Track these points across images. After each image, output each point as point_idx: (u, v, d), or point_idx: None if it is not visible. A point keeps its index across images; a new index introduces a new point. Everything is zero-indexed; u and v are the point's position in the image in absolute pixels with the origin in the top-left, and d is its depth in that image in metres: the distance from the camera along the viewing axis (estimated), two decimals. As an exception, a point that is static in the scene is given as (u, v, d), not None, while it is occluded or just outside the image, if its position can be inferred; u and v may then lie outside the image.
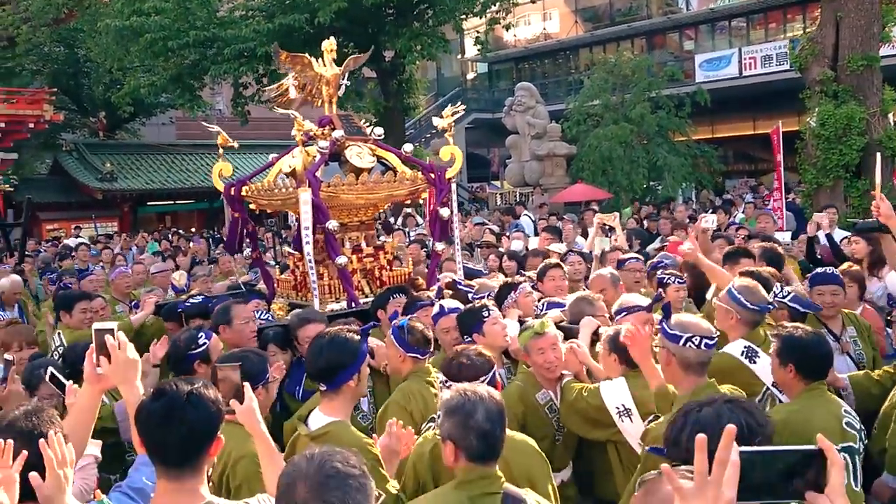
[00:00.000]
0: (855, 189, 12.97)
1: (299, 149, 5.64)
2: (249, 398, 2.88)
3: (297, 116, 5.53)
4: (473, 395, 2.62)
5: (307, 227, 5.18)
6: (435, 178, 5.71)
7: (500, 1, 19.36)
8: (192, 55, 17.47)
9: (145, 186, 27.35)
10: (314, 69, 5.78)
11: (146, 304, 6.15)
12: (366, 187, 5.47)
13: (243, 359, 3.41)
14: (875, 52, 13.13)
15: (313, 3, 16.45)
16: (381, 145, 5.90)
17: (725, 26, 30.62)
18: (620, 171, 20.60)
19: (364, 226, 5.94)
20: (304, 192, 5.15)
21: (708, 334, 3.31)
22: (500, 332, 4.41)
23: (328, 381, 3.16)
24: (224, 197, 5.92)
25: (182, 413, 2.32)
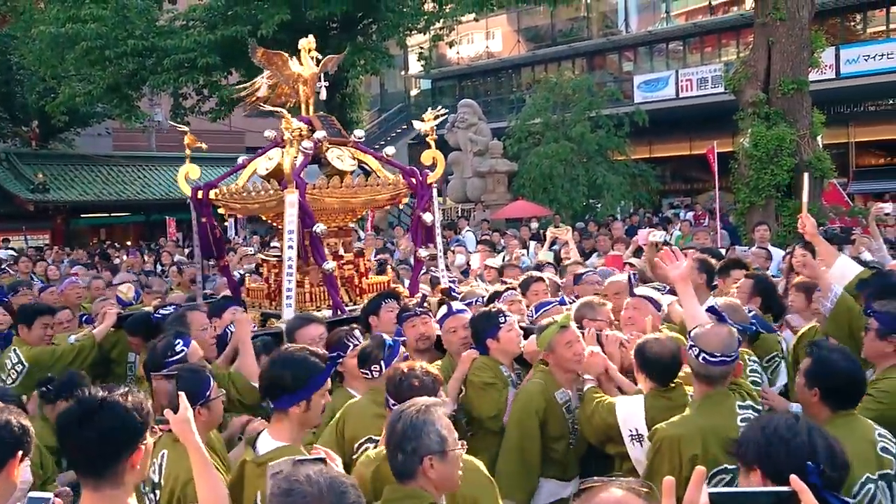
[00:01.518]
0: (786, 208, 13.36)
1: (276, 150, 5.45)
2: (184, 408, 2.82)
3: (285, 114, 5.31)
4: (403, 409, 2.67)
5: (292, 231, 4.99)
6: (416, 182, 5.59)
7: (444, 17, 19.46)
8: (131, 64, 17.12)
9: (79, 198, 26.64)
10: (291, 68, 5.60)
11: (107, 315, 5.77)
12: (349, 191, 5.30)
13: (178, 377, 3.28)
14: (805, 77, 13.59)
15: (256, 14, 16.33)
16: (362, 148, 5.75)
17: (663, 49, 31.36)
18: (561, 189, 20.91)
19: (342, 232, 5.74)
20: (291, 193, 4.95)
21: (711, 351, 3.23)
22: (516, 339, 4.38)
23: (273, 399, 3.03)
24: (191, 201, 5.64)
25: (95, 418, 2.31)
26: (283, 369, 3.03)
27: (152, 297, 7.50)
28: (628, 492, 1.72)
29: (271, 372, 3.07)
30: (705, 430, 3.18)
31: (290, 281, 5.01)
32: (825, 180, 13.87)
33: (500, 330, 4.32)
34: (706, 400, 3.31)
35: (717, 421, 3.23)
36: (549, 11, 33.21)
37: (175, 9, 19.48)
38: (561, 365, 4.07)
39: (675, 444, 3.17)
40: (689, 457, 3.11)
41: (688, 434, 3.18)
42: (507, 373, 4.38)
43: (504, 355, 4.41)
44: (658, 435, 3.25)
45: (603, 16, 34.56)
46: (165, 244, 17.40)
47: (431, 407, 2.64)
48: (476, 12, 19.50)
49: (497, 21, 35.47)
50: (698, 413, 3.28)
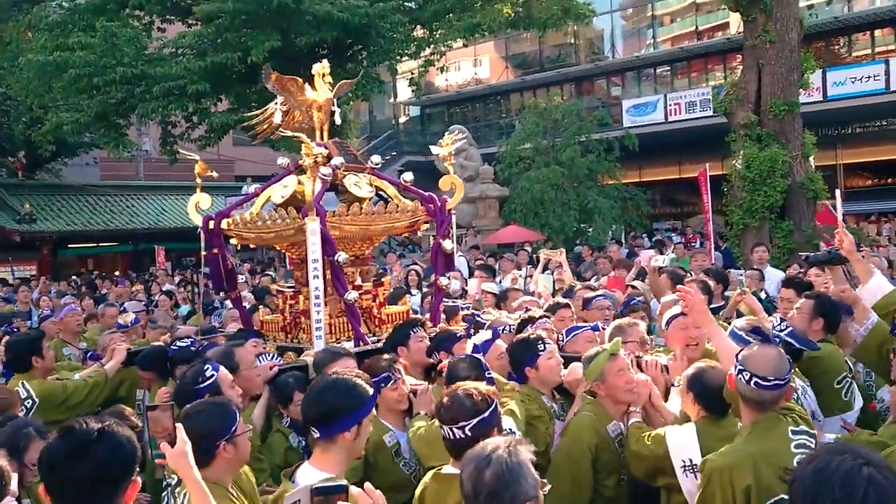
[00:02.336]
0: (779, 230, 13.33)
1: (290, 177, 5.27)
2: (182, 441, 2.67)
3: (305, 140, 5.13)
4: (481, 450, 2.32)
5: (316, 260, 4.79)
6: (435, 209, 5.42)
7: (434, 43, 19.51)
8: (119, 92, 17.02)
9: (66, 228, 26.39)
10: (305, 94, 5.43)
11: (117, 350, 5.53)
12: (368, 218, 5.12)
13: (202, 412, 3.10)
14: (795, 98, 13.65)
15: (246, 41, 16.29)
16: (380, 175, 5.58)
17: (650, 73, 31.60)
18: (552, 214, 20.85)
19: (359, 261, 5.54)
20: (313, 221, 4.76)
21: (764, 374, 3.07)
22: (556, 367, 4.18)
23: (322, 426, 2.88)
24: (202, 231, 5.39)
25: (91, 450, 2.13)
26: (334, 394, 2.91)
27: (158, 332, 7.25)
28: None
29: (321, 397, 2.92)
30: (757, 458, 3.01)
31: (319, 311, 4.82)
32: (818, 201, 13.87)
33: (539, 358, 4.13)
34: (756, 426, 3.14)
35: (770, 448, 3.05)
36: (536, 38, 33.54)
37: (164, 36, 19.42)
38: (613, 395, 3.86)
39: (727, 475, 2.99)
40: (742, 487, 2.96)
41: (739, 463, 3.01)
42: (549, 403, 4.19)
43: (544, 384, 4.22)
44: (708, 465, 3.08)
45: (590, 42, 34.83)
46: (155, 273, 17.22)
47: (517, 445, 2.36)
48: (466, 38, 19.56)
49: (485, 48, 35.70)
50: (749, 441, 3.11)
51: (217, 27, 16.76)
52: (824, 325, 4.63)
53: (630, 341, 4.35)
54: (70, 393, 5.18)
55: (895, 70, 23.76)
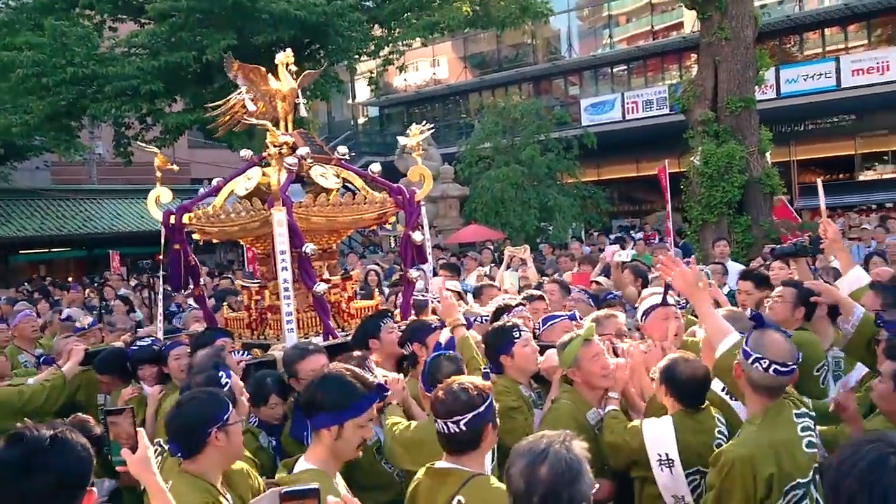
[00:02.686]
0: (738, 225, 13.46)
1: (254, 169, 5.12)
2: (144, 447, 2.53)
3: (271, 128, 5.01)
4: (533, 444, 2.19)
5: (284, 252, 4.64)
6: (404, 200, 5.28)
7: (393, 42, 19.40)
8: (70, 93, 16.58)
9: (17, 234, 25.75)
10: (269, 83, 5.28)
11: (73, 351, 5.29)
12: (336, 209, 4.99)
13: (194, 399, 3.05)
14: (751, 95, 13.81)
15: (201, 40, 16.00)
16: (346, 166, 5.43)
17: (608, 72, 31.87)
18: (513, 212, 20.88)
19: (327, 254, 5.38)
20: (279, 211, 4.62)
21: (782, 360, 3.01)
22: (532, 355, 4.08)
23: (309, 417, 2.88)
24: (163, 226, 5.22)
25: (46, 460, 1.96)
26: (320, 387, 2.86)
27: (116, 334, 6.90)
28: None
29: (310, 388, 2.90)
30: (776, 445, 2.97)
31: (289, 304, 4.67)
32: (774, 196, 14.05)
33: (514, 345, 4.04)
34: (768, 413, 3.07)
35: (783, 435, 3.03)
36: (494, 38, 33.61)
37: (116, 36, 19.00)
38: (588, 382, 3.81)
39: (748, 465, 2.93)
40: (765, 476, 2.92)
41: (761, 452, 2.95)
42: (527, 392, 4.10)
43: (521, 373, 4.12)
44: (727, 457, 2.99)
45: (547, 42, 35.03)
46: (110, 278, 16.81)
47: (572, 439, 2.19)
48: (425, 36, 19.49)
49: (443, 48, 35.69)
50: (764, 428, 3.03)
51: (171, 26, 16.45)
52: (805, 314, 4.64)
53: (607, 334, 4.29)
54: (27, 398, 4.96)
55: (845, 68, 24.26)
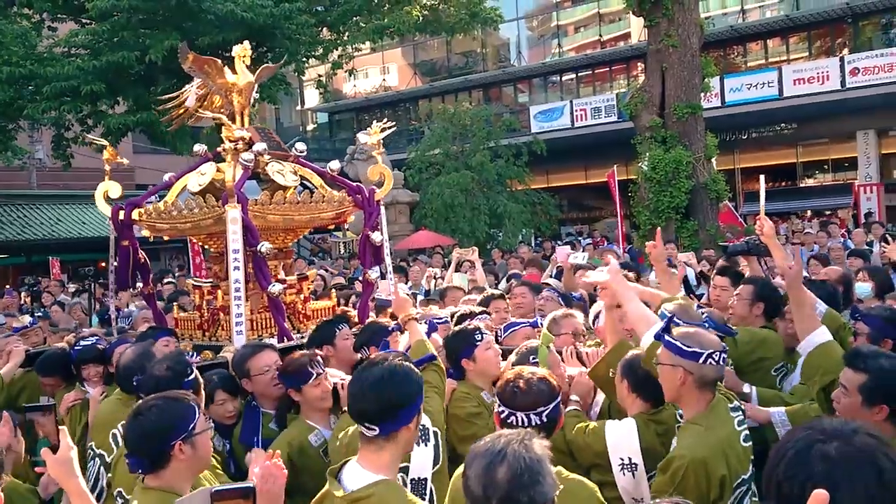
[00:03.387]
0: (685, 229, 13.64)
1: (208, 165, 4.93)
2: (66, 446, 2.36)
3: (226, 122, 4.84)
4: (491, 444, 2.04)
5: (237, 251, 4.46)
6: (363, 199, 5.14)
7: (342, 45, 19.24)
8: (6, 92, 16.06)
9: (-49, 240, 24.90)
10: (225, 76, 5.06)
11: (13, 352, 5.08)
12: (293, 207, 4.82)
13: (153, 407, 2.71)
14: (698, 101, 14.01)
15: (144, 40, 15.65)
16: (304, 163, 5.25)
17: (557, 80, 32.14)
18: (463, 218, 20.87)
19: (283, 254, 5.22)
20: (233, 208, 4.43)
21: (721, 347, 3.04)
22: (494, 358, 3.95)
23: (385, 423, 2.52)
24: (111, 222, 5.04)
25: None
26: (394, 384, 2.56)
27: (60, 335, 6.56)
28: None
29: (379, 390, 2.55)
30: (724, 444, 2.94)
31: (240, 306, 4.50)
32: (720, 202, 14.26)
33: (476, 349, 3.91)
34: (713, 411, 3.04)
35: (726, 431, 3.01)
36: (444, 45, 33.66)
37: (55, 35, 18.49)
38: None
39: (702, 468, 2.87)
40: (718, 478, 2.88)
41: (712, 454, 2.90)
42: (489, 399, 3.94)
43: (483, 377, 3.98)
44: (679, 462, 2.91)
45: (496, 50, 35.21)
46: (48, 284, 16.30)
47: (532, 437, 2.07)
48: (374, 40, 19.39)
49: (392, 55, 35.63)
50: (711, 428, 2.98)
51: (113, 25, 16.05)
52: (764, 309, 4.58)
53: (563, 333, 4.21)
54: None
55: (787, 77, 24.84)
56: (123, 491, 3.30)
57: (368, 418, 2.54)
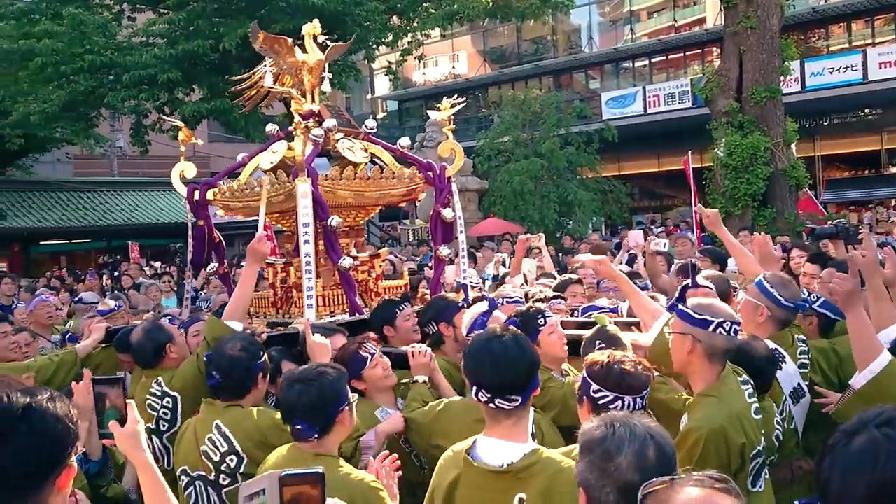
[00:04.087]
0: (762, 217, 13.24)
1: (280, 143, 4.98)
2: (133, 419, 2.36)
3: (296, 96, 4.87)
4: (623, 426, 1.95)
5: (307, 224, 4.45)
6: (434, 176, 5.10)
7: (412, 31, 19.24)
8: (88, 81, 16.56)
9: (38, 225, 25.90)
10: (295, 55, 5.07)
11: (95, 328, 5.11)
12: (364, 183, 4.83)
13: (327, 375, 2.85)
14: (777, 85, 13.56)
15: (218, 29, 15.93)
16: (374, 140, 5.27)
17: (629, 66, 31.54)
18: (532, 206, 20.68)
19: (354, 231, 5.21)
20: (303, 182, 4.44)
21: (736, 319, 3.00)
22: (559, 342, 3.83)
23: (526, 391, 2.57)
24: (187, 202, 5.14)
25: (13, 432, 1.77)
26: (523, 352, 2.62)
27: (140, 316, 6.73)
28: (707, 489, 1.49)
29: (518, 359, 2.58)
30: (739, 414, 2.91)
31: (310, 279, 4.49)
32: (800, 188, 13.79)
33: (539, 333, 3.75)
34: (723, 382, 3.00)
35: (741, 403, 2.97)
36: (513, 32, 33.38)
37: (134, 25, 19.00)
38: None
39: (721, 437, 2.82)
40: (738, 446, 2.84)
41: (730, 423, 2.85)
42: (560, 378, 3.85)
43: (549, 361, 3.79)
44: (697, 433, 2.84)
45: (567, 36, 34.74)
46: (127, 267, 16.80)
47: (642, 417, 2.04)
48: (443, 26, 19.30)
49: (462, 43, 35.50)
50: (724, 398, 2.94)
51: (188, 14, 16.40)
52: None
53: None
54: (35, 371, 4.79)
55: (872, 61, 23.80)
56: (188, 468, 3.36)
57: (512, 389, 2.53)
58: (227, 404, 3.39)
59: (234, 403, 3.41)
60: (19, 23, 17.09)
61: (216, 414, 3.37)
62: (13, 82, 17.57)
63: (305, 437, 2.80)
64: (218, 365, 3.42)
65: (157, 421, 3.92)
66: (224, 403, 3.40)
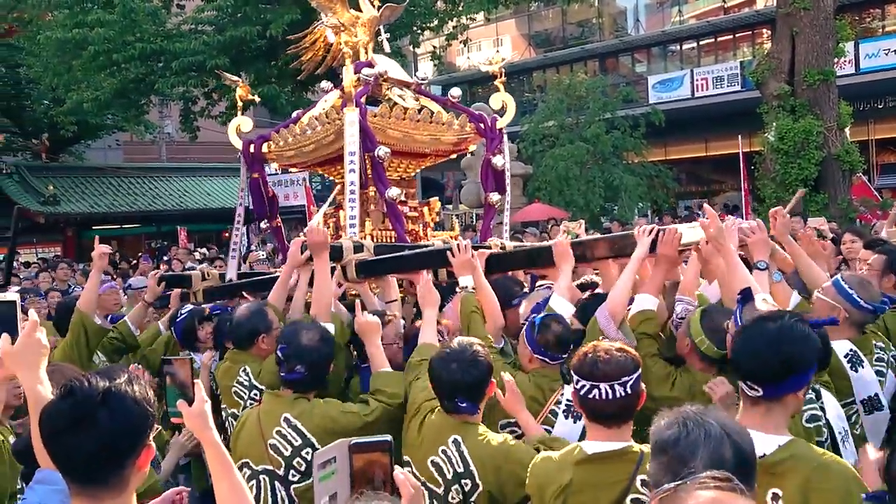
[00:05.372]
0: (814, 203, 12.96)
1: (333, 93, 5.10)
2: (201, 399, 2.39)
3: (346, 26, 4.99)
4: (697, 426, 1.85)
5: (353, 153, 4.49)
6: (485, 127, 5.24)
7: (457, 15, 19.16)
8: (138, 69, 16.86)
9: (90, 210, 26.41)
10: (349, 10, 5.20)
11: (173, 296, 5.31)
12: (413, 125, 4.89)
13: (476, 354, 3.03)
14: (831, 67, 13.23)
15: (265, 15, 16.06)
16: (425, 92, 5.37)
17: (676, 49, 31.01)
18: (577, 191, 20.54)
19: (405, 182, 5.30)
20: (351, 111, 4.48)
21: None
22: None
23: (770, 385, 2.37)
24: (242, 155, 5.29)
25: (95, 416, 1.87)
26: (793, 344, 2.37)
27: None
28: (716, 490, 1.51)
29: (779, 347, 2.36)
30: None
31: (354, 207, 4.55)
32: (853, 174, 13.48)
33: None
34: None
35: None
36: (558, 16, 33.02)
37: (183, 13, 19.25)
38: None
39: None
40: None
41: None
42: None
43: None
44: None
45: (612, 19, 34.28)
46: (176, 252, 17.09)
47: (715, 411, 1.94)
48: (488, 10, 19.18)
49: (506, 27, 35.23)
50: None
51: (236, 1, 16.56)
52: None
53: None
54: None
55: (930, 41, 23.11)
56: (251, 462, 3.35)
57: (754, 377, 2.40)
58: (296, 396, 3.35)
59: (302, 395, 3.37)
60: (72, 12, 17.40)
61: (284, 406, 3.33)
62: (66, 71, 17.93)
63: (469, 411, 2.98)
64: (301, 358, 3.33)
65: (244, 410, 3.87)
66: (293, 395, 3.36)
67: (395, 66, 5.45)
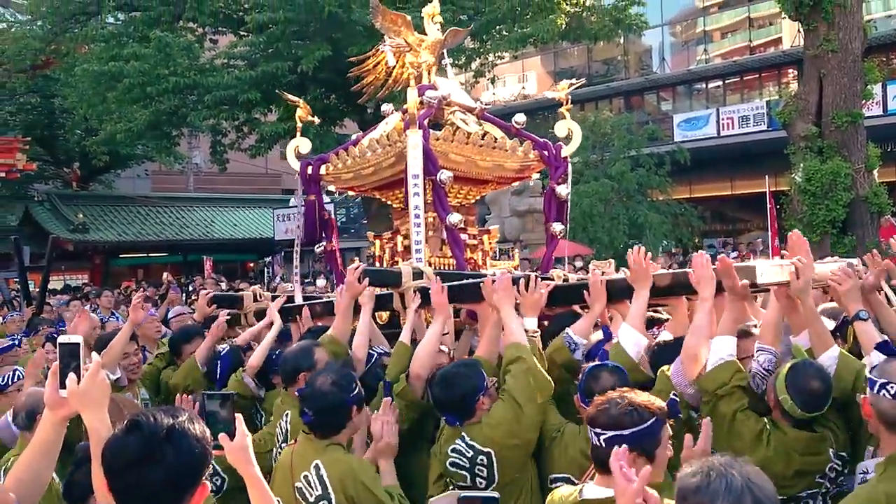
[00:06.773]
0: (841, 245, 12.89)
1: (394, 116, 5.06)
2: (242, 433, 2.43)
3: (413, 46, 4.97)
4: (720, 476, 1.83)
5: (416, 175, 4.42)
6: (550, 156, 5.14)
7: (484, 53, 19.36)
8: (172, 101, 17.16)
9: (118, 238, 26.79)
10: (413, 33, 5.13)
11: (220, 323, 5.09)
12: (476, 149, 4.81)
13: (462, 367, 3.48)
14: (859, 109, 13.24)
15: (296, 51, 16.31)
16: (488, 117, 5.26)
17: (702, 88, 31.08)
18: (601, 228, 20.51)
19: (464, 209, 5.19)
20: (414, 133, 4.41)
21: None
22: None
23: None
24: (300, 177, 5.23)
25: (160, 452, 1.92)
26: None
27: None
28: None
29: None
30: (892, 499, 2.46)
31: (419, 232, 4.49)
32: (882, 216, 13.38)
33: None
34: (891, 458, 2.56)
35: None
36: (584, 53, 33.24)
37: (216, 48, 19.61)
38: None
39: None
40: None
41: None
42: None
43: None
44: None
45: (638, 57, 34.47)
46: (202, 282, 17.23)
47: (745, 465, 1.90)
48: (516, 48, 19.37)
49: (532, 63, 35.51)
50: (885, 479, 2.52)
51: (268, 37, 16.83)
52: None
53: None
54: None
55: (959, 84, 22.99)
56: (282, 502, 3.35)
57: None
58: (328, 443, 3.28)
59: (334, 442, 3.30)
60: (108, 46, 17.78)
61: (316, 453, 3.26)
62: (101, 102, 18.27)
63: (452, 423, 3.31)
64: (310, 402, 3.28)
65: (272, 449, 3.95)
66: (325, 442, 3.28)
67: (459, 90, 5.40)
